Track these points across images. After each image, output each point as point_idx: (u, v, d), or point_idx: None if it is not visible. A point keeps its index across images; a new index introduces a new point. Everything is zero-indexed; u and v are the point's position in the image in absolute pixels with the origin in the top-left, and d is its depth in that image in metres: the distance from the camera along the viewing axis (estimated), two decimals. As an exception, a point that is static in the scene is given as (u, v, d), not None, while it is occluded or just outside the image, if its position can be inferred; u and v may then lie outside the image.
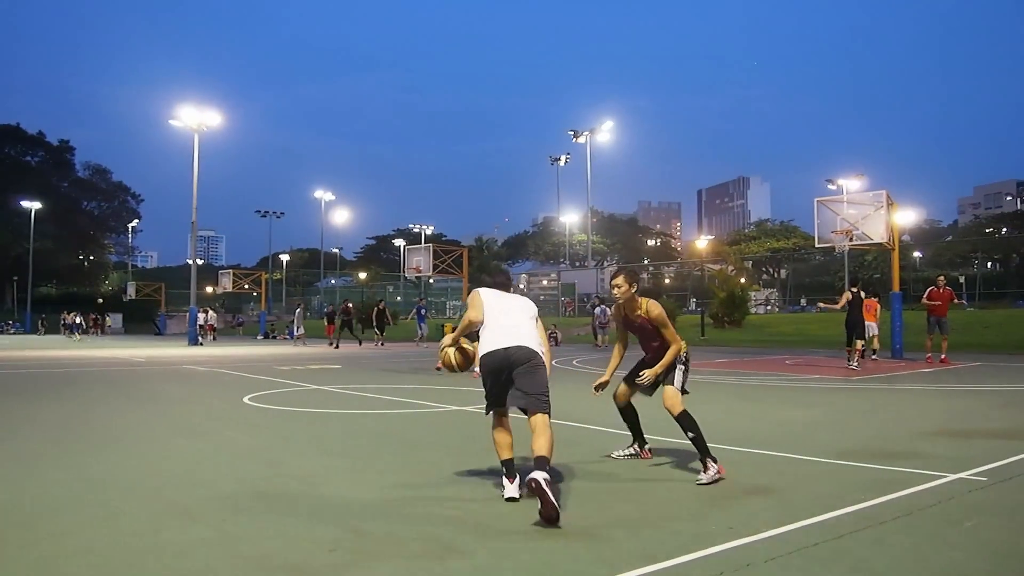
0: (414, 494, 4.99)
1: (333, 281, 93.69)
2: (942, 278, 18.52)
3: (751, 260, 68.83)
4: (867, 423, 8.08)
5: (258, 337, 43.39)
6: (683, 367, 5.76)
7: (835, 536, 3.97)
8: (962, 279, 50.47)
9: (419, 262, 33.28)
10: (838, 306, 17.21)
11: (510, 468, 4.91)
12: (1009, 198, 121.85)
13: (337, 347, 30.01)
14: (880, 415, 8.74)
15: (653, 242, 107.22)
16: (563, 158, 63.52)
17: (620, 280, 5.78)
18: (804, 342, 27.52)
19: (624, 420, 6.35)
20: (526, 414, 4.90)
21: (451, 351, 5.34)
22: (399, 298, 73.10)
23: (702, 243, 54.26)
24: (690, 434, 5.47)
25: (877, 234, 20.00)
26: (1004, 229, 74.70)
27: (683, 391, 5.68)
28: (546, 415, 4.83)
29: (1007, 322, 29.39)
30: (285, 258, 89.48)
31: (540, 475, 4.23)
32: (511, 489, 4.76)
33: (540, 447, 4.60)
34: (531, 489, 4.22)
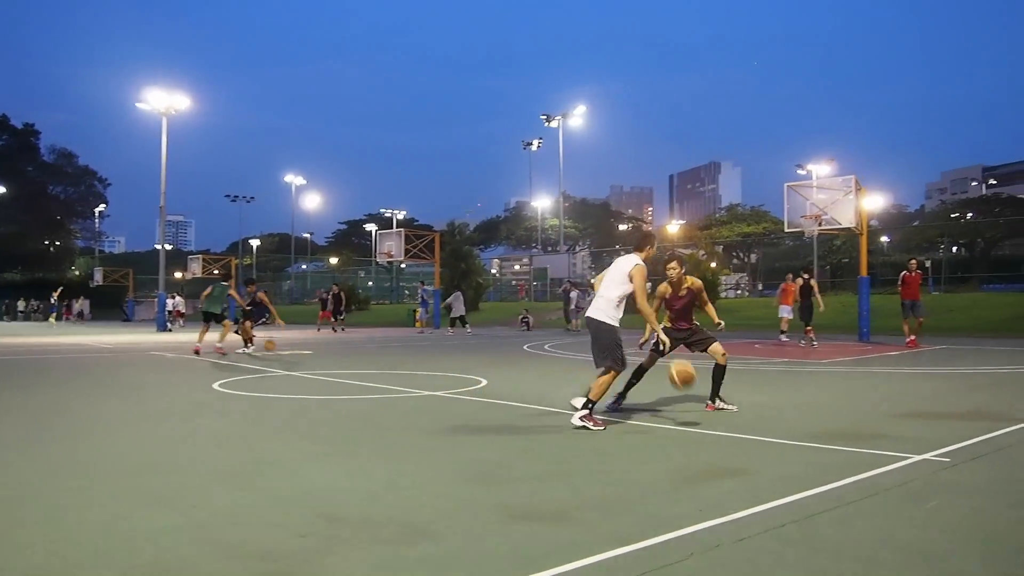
0: (387, 479, 4.98)
1: (304, 266, 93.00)
2: (914, 262, 18.53)
3: (722, 244, 69.09)
4: (836, 406, 8.18)
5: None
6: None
7: (803, 516, 4.02)
8: (928, 263, 51.17)
9: (391, 247, 33.14)
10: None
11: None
12: (975, 183, 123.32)
13: (335, 331, 29.99)
14: (848, 398, 8.86)
15: (625, 226, 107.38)
16: (535, 143, 63.35)
17: (675, 264, 7.61)
18: (773, 326, 27.76)
19: (632, 376, 7.71)
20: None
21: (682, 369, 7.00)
22: (370, 283, 72.76)
23: (674, 228, 54.45)
24: (719, 379, 7.56)
25: (846, 219, 20.20)
26: (970, 214, 75.70)
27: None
28: (601, 370, 6.71)
29: (972, 306, 29.86)
30: (255, 243, 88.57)
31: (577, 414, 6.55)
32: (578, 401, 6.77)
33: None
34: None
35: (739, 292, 58.15)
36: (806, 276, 19.08)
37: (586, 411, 6.61)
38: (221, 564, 3.39)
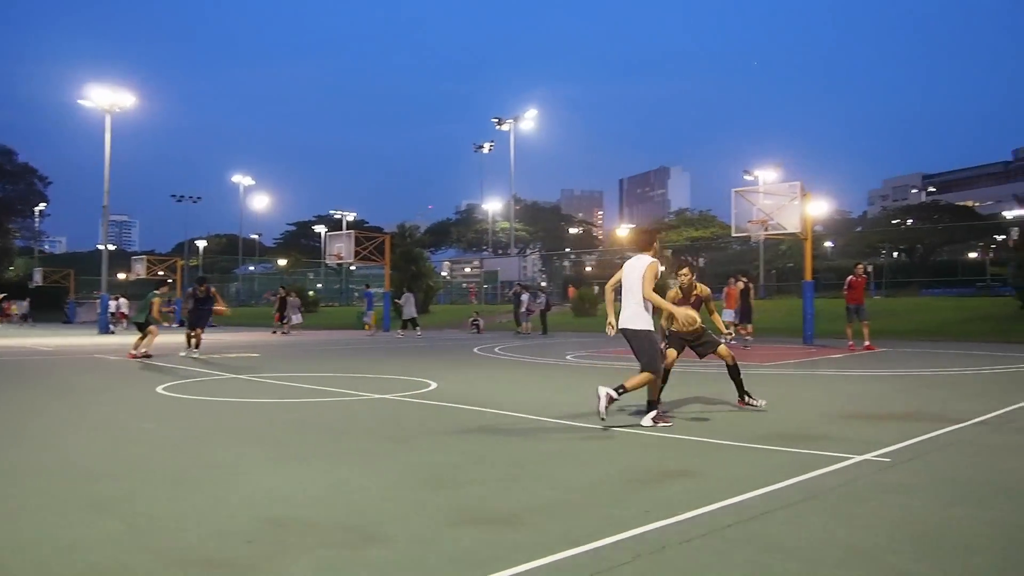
0: (335, 483, 4.94)
1: (252, 268, 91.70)
2: (861, 267, 18.69)
3: (671, 249, 69.89)
4: (780, 408, 8.32)
5: (172, 325, 42.16)
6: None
7: (748, 517, 4.09)
8: (871, 268, 52.43)
9: (340, 249, 32.86)
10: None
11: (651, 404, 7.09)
12: (915, 191, 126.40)
13: (274, 333, 29.62)
14: (792, 400, 9.03)
15: (576, 230, 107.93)
16: (487, 145, 63.45)
17: (687, 270, 8.30)
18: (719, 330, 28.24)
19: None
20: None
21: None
22: (319, 285, 72.01)
23: (623, 231, 54.84)
24: (737, 379, 8.11)
25: (791, 224, 20.55)
26: (910, 220, 77.61)
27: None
28: (642, 368, 7.03)
29: (913, 310, 30.67)
30: (202, 244, 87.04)
31: (605, 390, 6.91)
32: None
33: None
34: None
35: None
36: (745, 280, 19.90)
37: (654, 411, 6.97)
38: (165, 572, 3.33)
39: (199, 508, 4.32)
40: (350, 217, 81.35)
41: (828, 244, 69.62)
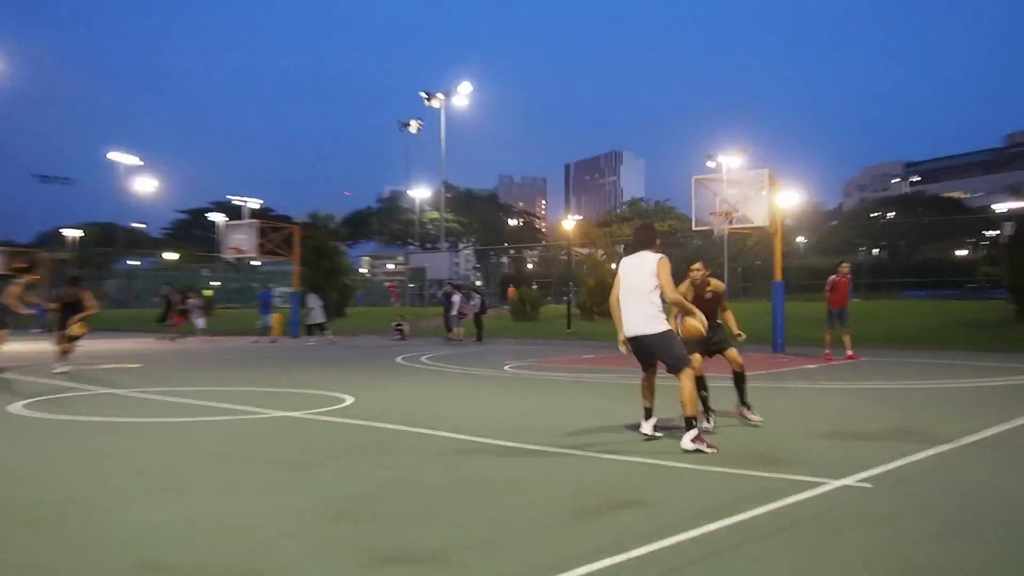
0: (229, 518, 4.82)
1: (135, 263, 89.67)
2: (845, 265, 18.84)
3: (623, 244, 70.53)
4: (747, 426, 8.41)
5: (36, 331, 41.01)
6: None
7: (712, 552, 4.09)
8: (846, 267, 53.54)
9: (241, 241, 32.29)
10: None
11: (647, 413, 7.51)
12: (896, 180, 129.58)
13: (164, 340, 28.98)
14: (761, 416, 9.14)
15: (515, 222, 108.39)
16: (414, 124, 63.15)
17: (699, 265, 8.46)
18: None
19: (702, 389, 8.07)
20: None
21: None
22: (218, 283, 70.76)
23: (570, 224, 55.20)
24: (741, 386, 8.70)
25: (759, 217, 20.85)
26: (891, 213, 79.64)
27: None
28: (673, 369, 7.19)
29: (894, 314, 31.51)
30: (74, 234, 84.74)
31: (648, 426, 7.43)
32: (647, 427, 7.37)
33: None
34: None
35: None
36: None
37: (694, 431, 6.92)
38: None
39: (62, 550, 4.16)
40: (253, 205, 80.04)
41: (800, 240, 70.97)
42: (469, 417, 9.21)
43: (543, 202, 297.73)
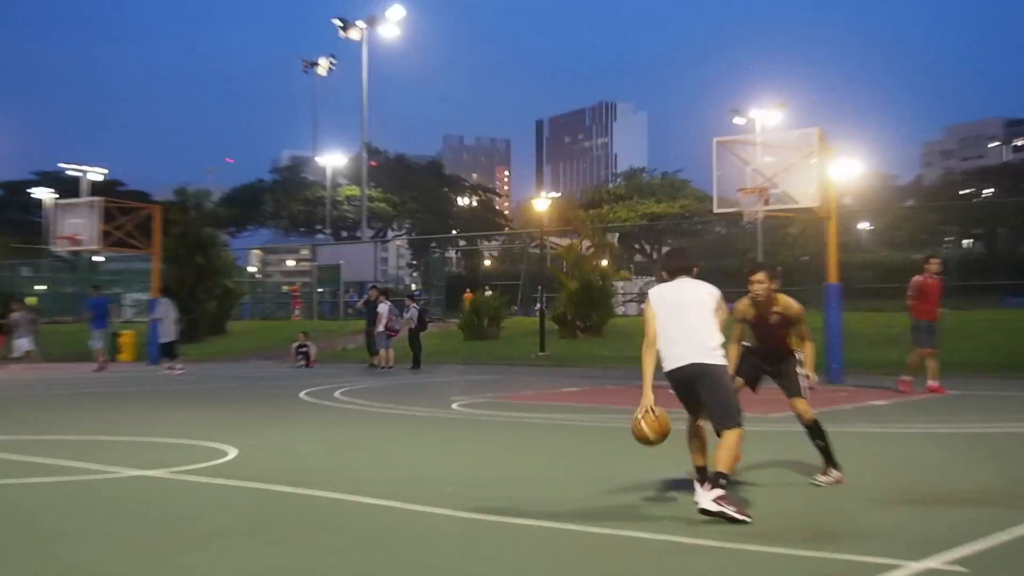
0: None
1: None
2: (935, 261, 18.54)
3: (618, 232, 70.74)
4: (795, 486, 8.40)
5: None
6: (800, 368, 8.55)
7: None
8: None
9: (78, 227, 32.01)
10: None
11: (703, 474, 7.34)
12: (994, 144, 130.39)
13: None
14: (813, 473, 9.14)
15: (467, 201, 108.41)
16: (324, 63, 63.03)
17: (762, 276, 8.33)
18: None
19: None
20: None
21: (642, 421, 7.41)
22: (43, 287, 69.98)
23: (543, 204, 54.67)
24: (819, 442, 8.59)
25: (805, 195, 20.84)
26: (987, 190, 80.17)
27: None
28: (723, 425, 7.23)
29: (990, 329, 31.51)
30: None
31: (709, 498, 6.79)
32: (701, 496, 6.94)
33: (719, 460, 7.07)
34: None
35: (644, 306, 59.50)
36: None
37: (720, 490, 6.89)
38: None
39: None
40: (95, 176, 79.40)
41: (863, 227, 71.31)
42: (402, 477, 9.15)
43: (506, 173, 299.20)
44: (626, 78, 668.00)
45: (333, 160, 78.53)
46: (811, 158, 20.81)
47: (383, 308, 29.21)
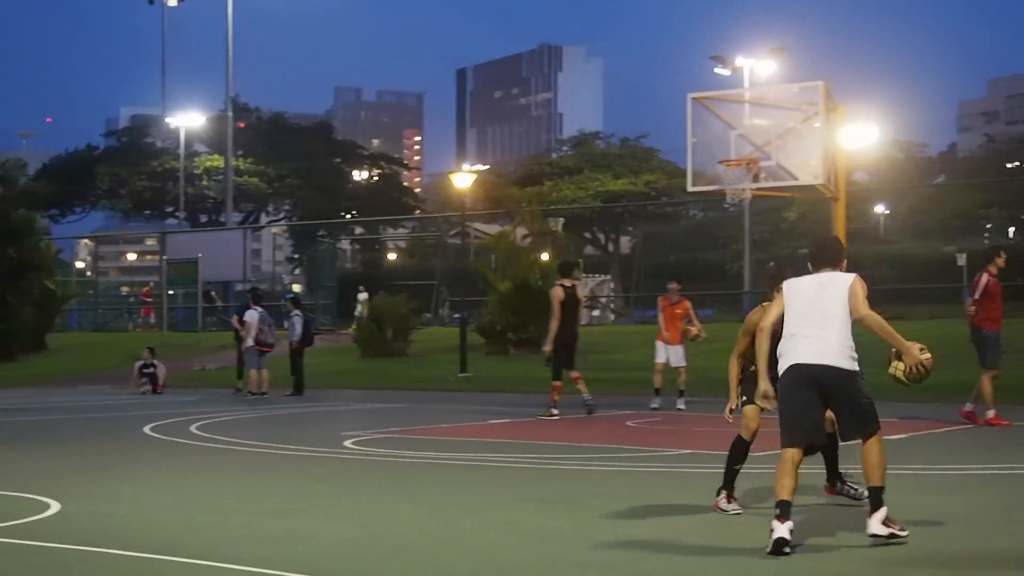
0: None
1: None
2: (1002, 256, 18.75)
3: (563, 216, 70.59)
4: (810, 540, 8.50)
5: None
6: None
7: None
8: (963, 258, 53.68)
9: None
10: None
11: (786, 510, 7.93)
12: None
13: None
14: (829, 525, 9.25)
15: (366, 174, 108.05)
16: (175, -8, 62.71)
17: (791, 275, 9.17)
18: (666, 380, 28.60)
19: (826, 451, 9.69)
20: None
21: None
22: None
23: (464, 180, 54.20)
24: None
25: (806, 169, 21.02)
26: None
27: None
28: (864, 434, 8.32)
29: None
30: None
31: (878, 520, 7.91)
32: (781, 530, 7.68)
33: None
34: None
35: (597, 314, 59.52)
36: (566, 283, 21.33)
37: (884, 508, 7.96)
38: None
39: None
40: None
41: (880, 210, 71.88)
42: (273, 536, 9.14)
43: (416, 139, 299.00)
44: (575, 14, 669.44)
45: (188, 120, 77.63)
46: (814, 121, 20.96)
47: (252, 315, 28.93)
